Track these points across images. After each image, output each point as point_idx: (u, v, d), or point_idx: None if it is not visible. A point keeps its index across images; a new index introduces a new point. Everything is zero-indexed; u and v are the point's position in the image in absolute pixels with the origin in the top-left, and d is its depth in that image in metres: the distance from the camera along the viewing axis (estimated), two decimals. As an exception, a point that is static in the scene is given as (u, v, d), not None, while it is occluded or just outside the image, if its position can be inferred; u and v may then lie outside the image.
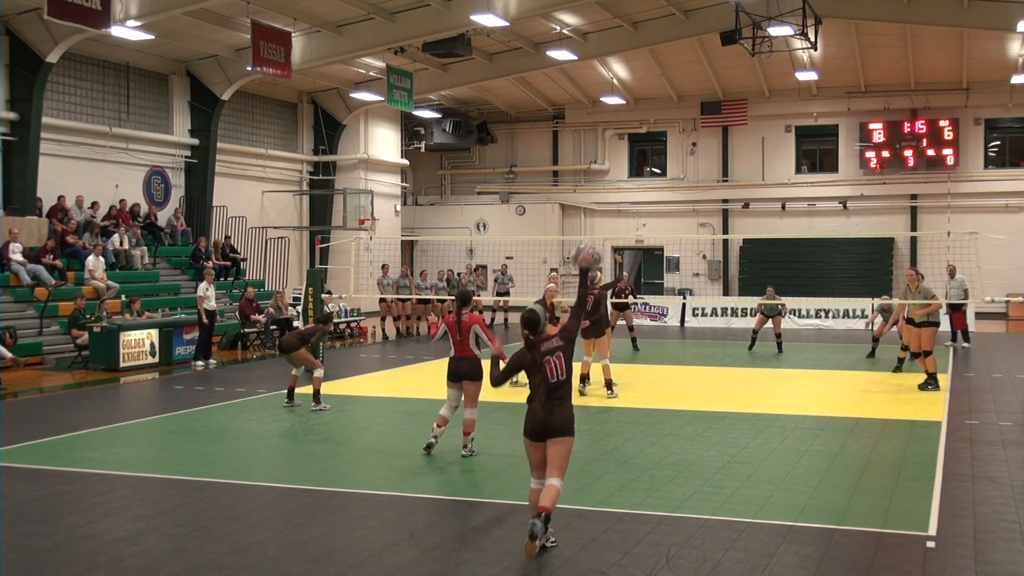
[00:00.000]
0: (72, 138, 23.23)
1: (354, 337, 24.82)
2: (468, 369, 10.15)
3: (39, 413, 13.50)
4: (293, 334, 13.80)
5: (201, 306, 18.35)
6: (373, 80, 28.79)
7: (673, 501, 8.28)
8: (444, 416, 10.30)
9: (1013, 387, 15.42)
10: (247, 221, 28.05)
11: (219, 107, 26.25)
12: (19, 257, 20.14)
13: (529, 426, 7.00)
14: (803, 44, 24.17)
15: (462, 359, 10.18)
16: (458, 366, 10.19)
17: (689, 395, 14.62)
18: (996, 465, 9.77)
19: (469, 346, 10.16)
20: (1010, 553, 7.01)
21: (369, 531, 7.53)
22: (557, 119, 35.52)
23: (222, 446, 11.15)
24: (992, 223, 28.17)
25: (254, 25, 22.02)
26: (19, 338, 18.51)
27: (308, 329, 14.06)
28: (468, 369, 10.15)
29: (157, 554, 7.04)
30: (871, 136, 31.48)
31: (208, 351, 18.85)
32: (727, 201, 33.71)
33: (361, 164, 31.64)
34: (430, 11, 23.30)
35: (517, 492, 8.78)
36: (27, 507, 8.25)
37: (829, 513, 7.92)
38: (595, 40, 27.39)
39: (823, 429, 11.73)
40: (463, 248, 34.18)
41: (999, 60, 28.44)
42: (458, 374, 10.18)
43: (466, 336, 10.15)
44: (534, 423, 6.95)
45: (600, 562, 6.71)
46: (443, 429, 10.29)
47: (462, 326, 10.17)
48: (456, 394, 10.26)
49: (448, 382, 10.25)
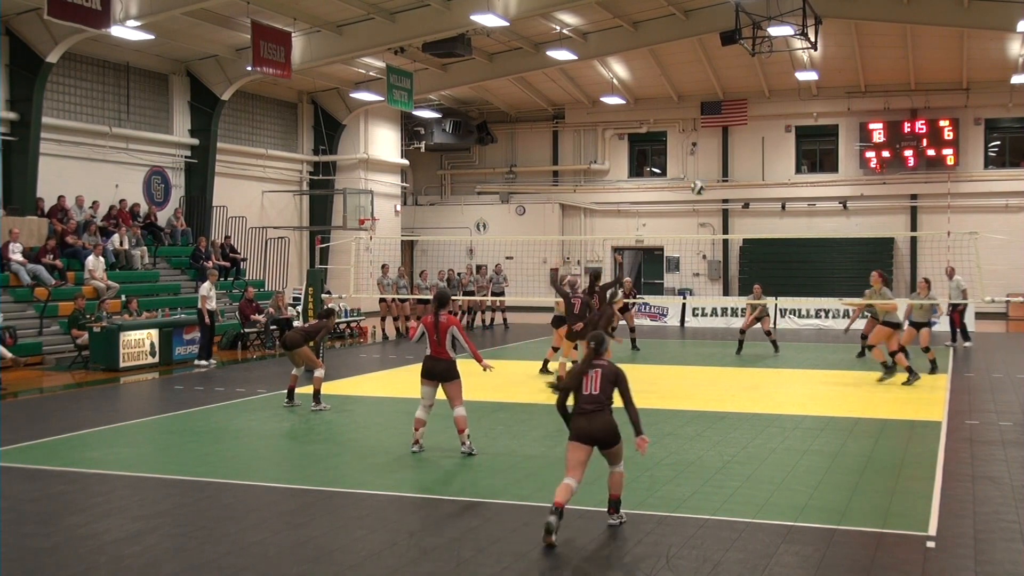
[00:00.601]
0: (72, 138, 23.23)
1: (354, 337, 24.82)
2: (443, 370, 10.23)
3: (39, 413, 13.50)
4: (296, 330, 13.72)
5: (203, 306, 18.37)
6: (373, 80, 28.79)
7: (673, 501, 8.28)
8: (420, 418, 10.37)
9: (1013, 387, 15.42)
10: (247, 221, 28.06)
11: (219, 107, 26.25)
12: (19, 257, 20.14)
13: (574, 431, 7.45)
14: (803, 44, 24.17)
15: (437, 359, 10.25)
16: (433, 366, 10.27)
17: (689, 395, 14.61)
18: (996, 465, 9.78)
19: (445, 347, 10.22)
20: (1010, 553, 7.01)
21: (369, 531, 7.53)
22: (557, 119, 35.51)
23: (222, 446, 11.16)
24: (992, 223, 28.16)
25: (254, 25, 22.02)
26: (19, 338, 18.51)
27: (312, 326, 13.91)
28: (443, 370, 10.23)
29: (157, 554, 7.04)
30: (871, 136, 31.48)
31: (209, 351, 18.87)
32: (727, 201, 33.71)
33: (361, 164, 31.64)
34: (430, 11, 23.30)
35: (517, 492, 8.79)
36: (27, 507, 8.25)
37: (829, 513, 7.92)
38: (595, 40, 27.39)
39: (823, 429, 11.73)
40: (463, 248, 34.18)
41: (999, 60, 28.44)
42: (432, 374, 10.27)
43: (443, 337, 10.21)
44: (578, 429, 7.42)
45: (600, 562, 6.71)
46: (422, 431, 10.36)
47: (439, 327, 10.22)
48: (430, 392, 10.31)
49: (422, 379, 10.32)
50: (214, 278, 18.84)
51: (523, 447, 10.66)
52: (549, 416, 11.13)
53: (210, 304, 18.50)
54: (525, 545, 7.10)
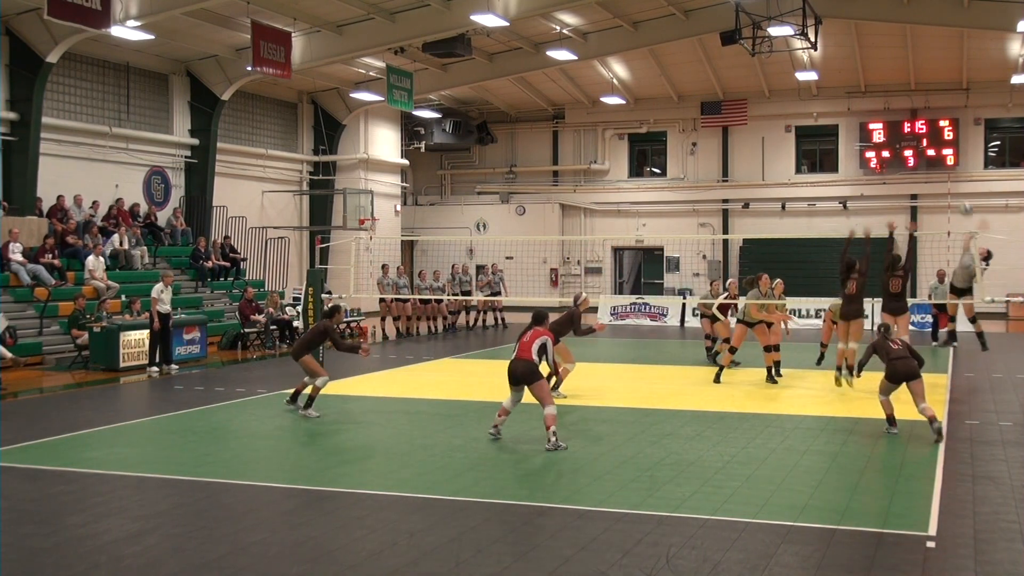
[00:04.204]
0: (72, 138, 23.23)
1: (354, 337, 24.80)
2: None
3: (39, 413, 13.50)
4: (300, 341, 13.44)
5: (154, 308, 17.56)
6: (373, 80, 28.78)
7: (673, 501, 8.28)
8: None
9: (1013, 387, 15.42)
10: (247, 221, 28.06)
11: (219, 107, 26.24)
12: (19, 257, 20.13)
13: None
14: (803, 44, 24.18)
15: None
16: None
17: (689, 395, 14.61)
18: (996, 465, 9.77)
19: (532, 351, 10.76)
20: (1010, 553, 7.01)
21: (369, 531, 7.53)
22: (557, 119, 35.51)
23: (222, 446, 11.16)
24: (992, 223, 28.14)
25: (254, 25, 22.02)
26: (19, 338, 18.50)
27: (312, 333, 13.35)
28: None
29: (157, 554, 7.04)
30: (871, 136, 31.49)
31: (169, 356, 18.03)
32: (727, 201, 33.72)
33: (361, 164, 31.64)
34: (430, 11, 23.30)
35: (517, 492, 8.80)
36: (27, 507, 8.25)
37: (829, 513, 7.92)
38: (595, 40, 27.39)
39: (823, 429, 11.73)
40: (463, 248, 34.18)
41: (999, 60, 28.45)
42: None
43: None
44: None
45: (600, 562, 6.71)
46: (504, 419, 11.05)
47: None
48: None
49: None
50: (168, 280, 18.03)
51: (522, 447, 10.65)
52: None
53: (162, 307, 17.62)
54: (525, 545, 7.10)
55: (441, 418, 12.69)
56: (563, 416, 12.26)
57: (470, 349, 22.00)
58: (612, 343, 23.37)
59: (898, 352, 11.18)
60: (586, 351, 18.83)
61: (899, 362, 11.10)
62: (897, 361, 11.10)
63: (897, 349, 11.22)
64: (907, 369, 11.04)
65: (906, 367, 11.04)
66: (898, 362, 11.10)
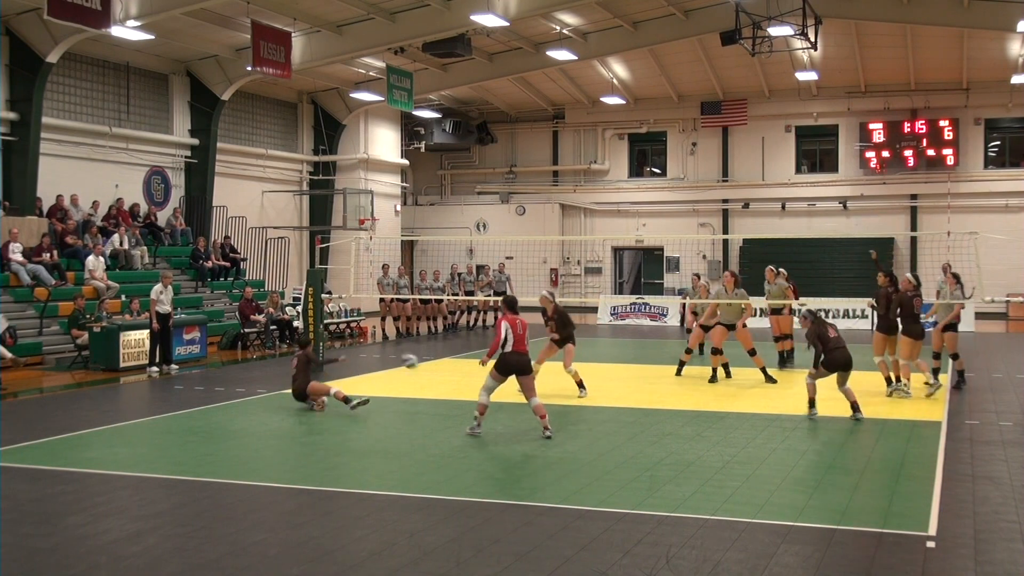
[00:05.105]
0: (72, 138, 23.23)
1: (354, 337, 24.82)
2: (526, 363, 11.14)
3: (39, 413, 13.49)
4: (295, 382, 13.43)
5: (153, 309, 17.46)
6: (373, 80, 28.78)
7: (673, 501, 8.28)
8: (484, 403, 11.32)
9: (1013, 387, 15.42)
10: (247, 221, 28.06)
11: (219, 107, 26.24)
12: (19, 257, 20.13)
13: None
14: (803, 44, 24.18)
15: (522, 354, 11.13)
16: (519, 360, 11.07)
17: (689, 395, 14.61)
18: (996, 465, 9.77)
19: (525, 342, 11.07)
20: (1010, 553, 7.01)
21: (369, 531, 7.52)
22: (557, 119, 35.52)
23: (222, 446, 11.16)
24: (992, 223, 28.17)
25: (254, 25, 22.02)
26: (19, 338, 18.50)
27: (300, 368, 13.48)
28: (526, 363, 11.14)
29: (157, 554, 7.03)
30: (871, 136, 31.49)
31: (169, 356, 17.93)
32: (727, 201, 33.72)
33: (361, 164, 31.64)
34: (430, 11, 23.31)
35: (517, 492, 8.80)
36: (27, 507, 8.25)
37: (829, 513, 7.92)
38: (595, 40, 27.40)
39: (823, 429, 11.73)
40: (463, 248, 34.19)
41: (999, 60, 28.45)
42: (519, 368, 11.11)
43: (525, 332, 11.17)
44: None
45: (600, 562, 6.70)
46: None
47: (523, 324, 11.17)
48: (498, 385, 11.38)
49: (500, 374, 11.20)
50: (167, 280, 17.93)
51: (523, 447, 10.65)
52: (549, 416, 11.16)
53: (161, 307, 17.48)
54: (525, 545, 7.10)
55: (441, 418, 12.69)
56: (563, 416, 12.28)
57: (470, 349, 21.99)
58: (612, 343, 23.37)
59: (836, 341, 12.03)
60: (586, 351, 18.83)
61: (838, 352, 12.01)
62: (836, 351, 12.00)
63: (835, 338, 12.07)
64: (844, 358, 12.00)
65: (843, 356, 12.00)
66: (836, 352, 12.00)
